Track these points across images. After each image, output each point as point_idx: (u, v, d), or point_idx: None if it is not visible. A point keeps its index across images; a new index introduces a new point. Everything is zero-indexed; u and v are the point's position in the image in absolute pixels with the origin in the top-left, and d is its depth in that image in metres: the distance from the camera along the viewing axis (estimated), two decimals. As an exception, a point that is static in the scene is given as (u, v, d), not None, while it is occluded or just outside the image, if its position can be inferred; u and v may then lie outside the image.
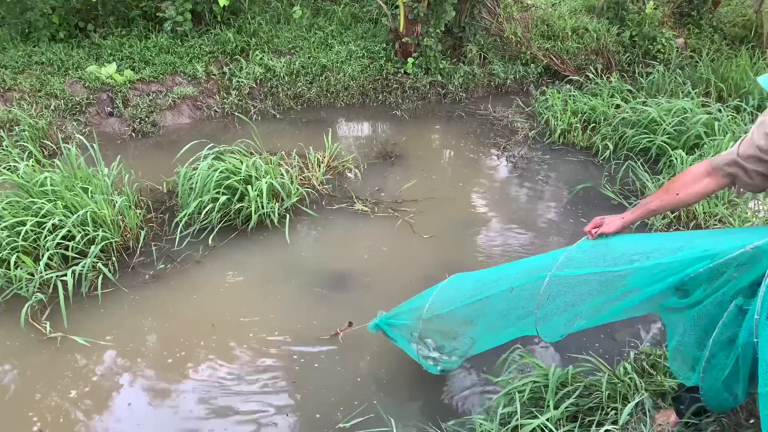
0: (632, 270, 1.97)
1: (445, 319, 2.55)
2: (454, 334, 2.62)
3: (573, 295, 2.17)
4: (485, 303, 2.42)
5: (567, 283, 2.15)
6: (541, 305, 2.20)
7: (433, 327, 2.61)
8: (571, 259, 2.14)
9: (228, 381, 2.90)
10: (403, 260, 3.86)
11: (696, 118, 5.12)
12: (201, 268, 3.69)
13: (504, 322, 2.42)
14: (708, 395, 1.94)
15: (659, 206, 2.02)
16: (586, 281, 2.12)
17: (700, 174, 1.91)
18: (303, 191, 4.32)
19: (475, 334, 2.56)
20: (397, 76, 6.66)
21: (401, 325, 2.72)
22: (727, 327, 1.77)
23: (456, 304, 2.50)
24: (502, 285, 2.36)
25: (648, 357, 2.76)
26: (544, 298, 2.17)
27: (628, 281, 2.00)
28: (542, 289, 2.17)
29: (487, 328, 2.51)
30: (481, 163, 5.42)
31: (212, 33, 6.71)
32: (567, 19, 7.93)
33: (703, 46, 8.16)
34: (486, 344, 2.62)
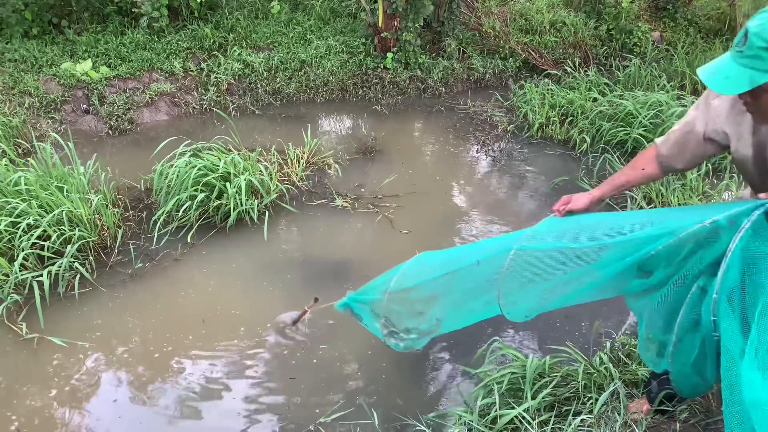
0: (596, 247, 1.92)
1: (412, 292, 2.49)
2: (419, 309, 2.53)
3: (537, 270, 2.10)
4: (451, 277, 2.35)
5: (532, 257, 2.09)
6: (504, 280, 2.11)
7: (398, 304, 2.53)
8: (538, 233, 2.10)
9: (206, 378, 2.89)
10: (383, 255, 3.87)
11: (671, 111, 5.20)
12: (180, 266, 3.67)
13: (470, 298, 2.35)
14: (678, 380, 1.94)
15: (626, 181, 2.04)
16: (550, 257, 2.06)
17: (651, 157, 1.99)
18: (282, 188, 4.31)
19: (441, 312, 2.48)
20: (376, 71, 6.66)
21: (369, 301, 2.65)
22: (691, 309, 1.75)
23: (423, 278, 2.45)
24: (469, 259, 2.29)
25: (624, 347, 2.81)
26: (508, 272, 2.10)
27: (592, 258, 1.95)
28: (506, 263, 2.09)
29: (453, 305, 2.43)
30: (461, 157, 5.45)
31: (189, 29, 6.65)
32: (545, 13, 7.99)
33: (679, 39, 8.28)
34: (452, 324, 2.53)
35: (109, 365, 2.95)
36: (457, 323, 2.52)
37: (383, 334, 2.55)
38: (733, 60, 1.52)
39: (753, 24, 1.46)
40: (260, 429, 2.64)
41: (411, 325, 2.55)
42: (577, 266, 1.97)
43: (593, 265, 1.92)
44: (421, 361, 3.03)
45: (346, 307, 2.71)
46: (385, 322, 2.55)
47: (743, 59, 1.48)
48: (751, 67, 1.47)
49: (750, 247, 1.54)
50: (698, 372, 1.87)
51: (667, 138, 1.93)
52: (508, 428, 2.35)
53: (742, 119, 1.72)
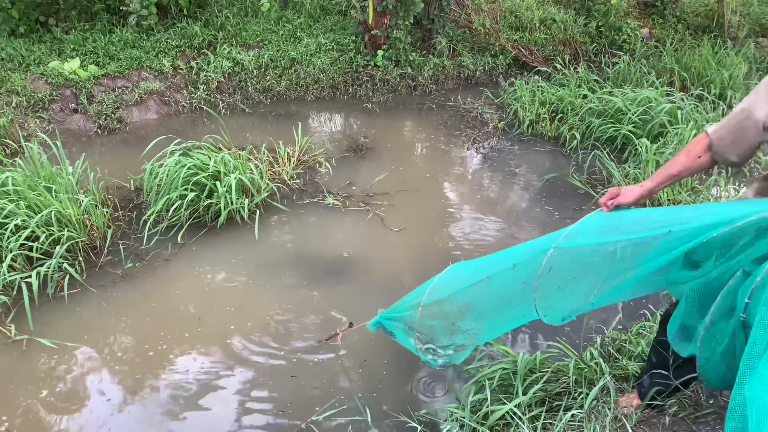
0: (646, 238, 1.79)
1: (445, 303, 2.37)
2: (453, 320, 2.42)
3: (577, 268, 1.98)
4: (486, 283, 2.21)
5: (573, 255, 1.95)
6: (542, 281, 1.98)
7: (431, 317, 2.44)
8: (581, 230, 1.95)
9: (197, 376, 2.88)
10: (375, 254, 3.87)
11: (660, 108, 5.23)
12: (170, 265, 3.65)
13: (505, 303, 2.23)
14: (705, 368, 1.82)
15: (680, 170, 1.90)
16: (593, 252, 1.92)
17: (703, 148, 1.86)
18: (273, 186, 4.30)
19: (477, 321, 2.37)
20: (367, 68, 6.65)
21: (401, 318, 2.56)
22: (731, 294, 1.64)
23: (456, 287, 2.33)
24: (504, 264, 2.15)
25: (614, 342, 2.83)
26: (546, 270, 1.95)
27: (639, 252, 1.82)
28: (544, 262, 1.95)
29: (488, 313, 2.32)
30: (451, 154, 5.46)
31: (179, 27, 6.60)
32: (535, 10, 8.01)
33: (667, 35, 8.33)
34: (488, 333, 2.44)
35: (100, 365, 2.94)
36: (493, 332, 2.45)
37: (419, 349, 2.50)
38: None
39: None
40: (252, 427, 2.64)
41: (446, 340, 2.48)
42: (621, 262, 1.86)
43: (641, 258, 1.81)
44: (413, 359, 3.03)
45: (379, 326, 2.65)
46: (419, 336, 2.49)
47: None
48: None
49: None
50: (727, 362, 1.75)
51: (721, 126, 1.80)
52: (499, 424, 2.36)
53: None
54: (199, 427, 2.65)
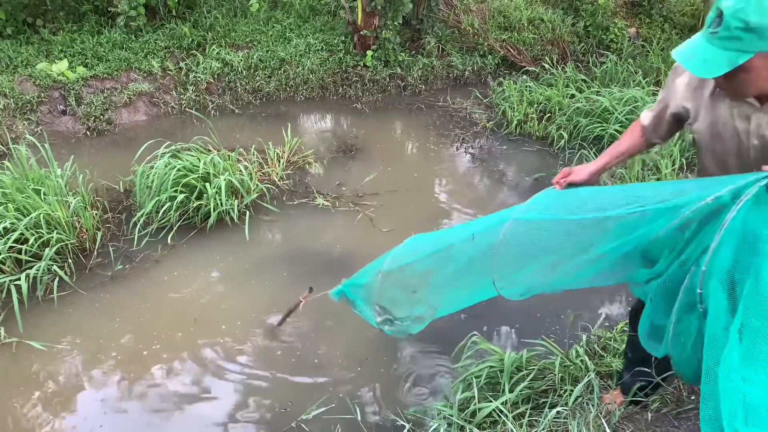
0: (596, 219, 1.81)
1: (406, 269, 2.39)
2: (413, 288, 2.42)
3: (534, 244, 1.99)
4: (447, 253, 2.23)
5: (528, 230, 1.97)
6: (500, 253, 1.99)
7: (391, 284, 2.43)
8: (535, 205, 1.98)
9: (189, 377, 2.90)
10: (364, 254, 3.89)
11: (646, 107, 5.28)
12: (160, 267, 3.66)
13: (464, 274, 2.22)
14: (680, 365, 1.86)
15: (626, 149, 2.03)
16: (548, 230, 1.95)
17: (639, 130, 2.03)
18: (263, 187, 4.32)
19: (435, 292, 2.37)
20: (356, 69, 6.67)
21: (363, 285, 2.56)
22: (689, 289, 1.65)
23: (417, 255, 2.35)
24: (464, 234, 2.19)
25: (599, 339, 2.87)
26: (503, 245, 1.97)
27: (592, 234, 1.83)
28: (501, 234, 1.97)
29: (447, 282, 2.31)
30: (441, 155, 5.49)
31: (167, 27, 6.59)
32: (523, 10, 8.05)
33: (654, 35, 8.41)
34: (447, 305, 2.42)
35: (90, 367, 2.95)
36: (451, 305, 2.43)
37: (377, 321, 2.48)
38: (708, 42, 1.51)
39: (727, 5, 1.45)
40: (242, 427, 2.66)
41: (404, 312, 2.47)
42: (576, 242, 1.87)
43: (593, 240, 1.82)
44: (402, 357, 3.07)
45: (341, 295, 2.64)
46: (379, 309, 2.47)
47: (720, 41, 1.48)
48: (729, 49, 1.47)
49: (748, 221, 1.46)
50: (698, 356, 1.71)
51: (649, 113, 1.97)
52: (486, 421, 2.40)
53: (700, 94, 1.75)
54: (191, 426, 2.67)
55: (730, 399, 1.38)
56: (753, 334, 1.40)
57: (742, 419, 1.39)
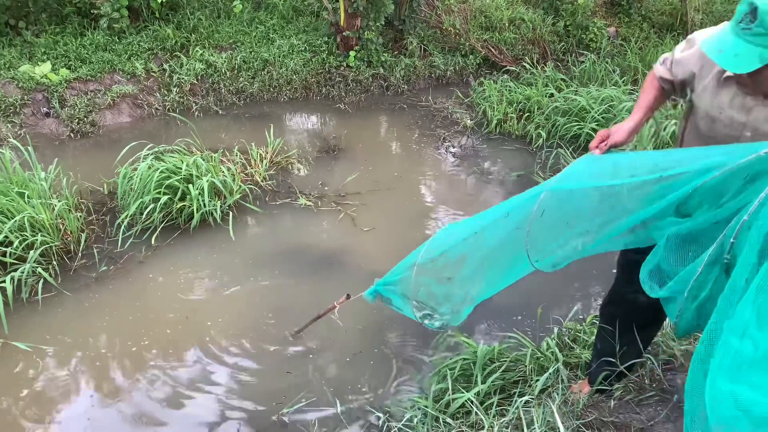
0: (636, 183, 1.74)
1: (440, 259, 2.33)
2: (449, 275, 2.36)
3: (569, 212, 1.93)
4: (480, 236, 2.17)
5: (564, 198, 1.92)
6: (533, 225, 1.93)
7: (426, 275, 2.39)
8: (571, 175, 1.93)
9: (174, 375, 2.97)
10: (346, 254, 3.99)
11: (622, 106, 5.43)
12: (144, 268, 3.72)
13: (499, 251, 2.16)
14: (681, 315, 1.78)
15: (648, 102, 1.99)
16: (585, 196, 1.88)
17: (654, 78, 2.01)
18: (245, 188, 4.38)
19: (473, 275, 2.30)
20: (339, 69, 6.75)
21: (398, 281, 2.52)
22: (722, 244, 1.57)
23: (450, 243, 2.30)
24: (496, 214, 2.12)
25: (570, 332, 2.98)
26: (538, 214, 1.91)
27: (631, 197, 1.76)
28: (536, 206, 1.91)
29: (484, 263, 2.24)
30: (423, 154, 5.59)
31: (151, 29, 6.62)
32: (504, 10, 8.17)
33: (633, 34, 8.56)
34: (485, 288, 2.33)
35: (76, 366, 3.01)
36: (488, 288, 2.34)
37: (417, 316, 2.47)
38: (739, 37, 1.51)
39: (763, 1, 1.45)
40: (226, 423, 2.74)
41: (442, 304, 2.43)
42: (614, 206, 1.80)
43: (633, 206, 1.76)
44: (381, 352, 3.15)
45: (376, 294, 2.60)
46: (417, 304, 2.46)
47: (753, 37, 1.48)
48: (761, 45, 1.47)
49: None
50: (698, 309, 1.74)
51: (661, 67, 1.95)
52: (460, 411, 2.50)
53: (708, 71, 1.76)
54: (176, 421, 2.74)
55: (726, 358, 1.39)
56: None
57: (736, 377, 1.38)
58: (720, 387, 1.39)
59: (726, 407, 1.38)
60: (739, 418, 1.37)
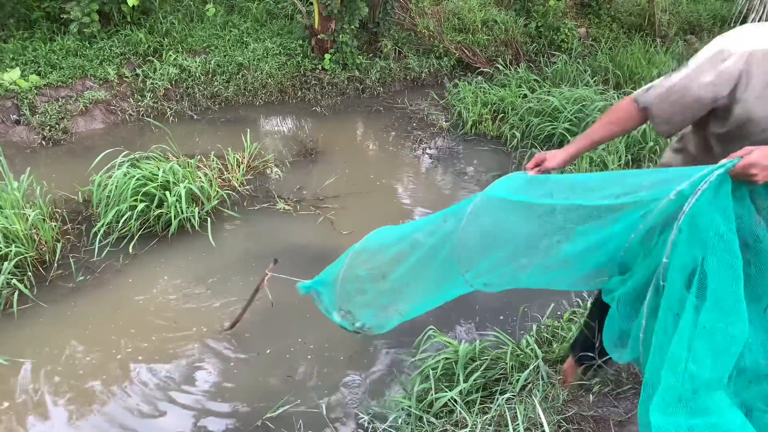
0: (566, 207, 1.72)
1: (377, 255, 2.30)
2: (383, 272, 2.28)
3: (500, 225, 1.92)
4: (419, 236, 2.13)
5: (497, 209, 1.92)
6: (465, 232, 1.91)
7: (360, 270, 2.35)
8: (504, 186, 1.94)
9: (155, 384, 2.95)
10: (326, 256, 3.99)
11: (594, 105, 5.55)
12: (122, 276, 3.69)
13: (435, 259, 2.09)
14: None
15: (602, 137, 1.94)
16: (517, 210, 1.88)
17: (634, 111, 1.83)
18: (223, 193, 4.37)
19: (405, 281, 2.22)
20: (315, 72, 6.75)
21: (331, 281, 2.50)
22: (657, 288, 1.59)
23: (389, 239, 2.28)
24: (436, 217, 2.09)
25: (548, 329, 3.05)
26: (470, 223, 1.90)
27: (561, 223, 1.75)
28: (467, 212, 1.90)
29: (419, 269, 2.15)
30: (399, 155, 5.63)
31: (122, 34, 6.55)
32: (477, 12, 8.26)
33: (603, 35, 8.74)
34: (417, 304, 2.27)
35: (54, 377, 2.97)
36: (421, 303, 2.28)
37: (340, 318, 2.44)
38: None
39: None
40: (211, 428, 2.74)
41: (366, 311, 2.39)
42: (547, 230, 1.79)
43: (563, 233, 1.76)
44: (365, 353, 3.18)
45: (309, 290, 2.60)
46: (343, 312, 2.43)
47: None
48: None
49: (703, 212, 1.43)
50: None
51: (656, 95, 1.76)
52: (443, 411, 2.53)
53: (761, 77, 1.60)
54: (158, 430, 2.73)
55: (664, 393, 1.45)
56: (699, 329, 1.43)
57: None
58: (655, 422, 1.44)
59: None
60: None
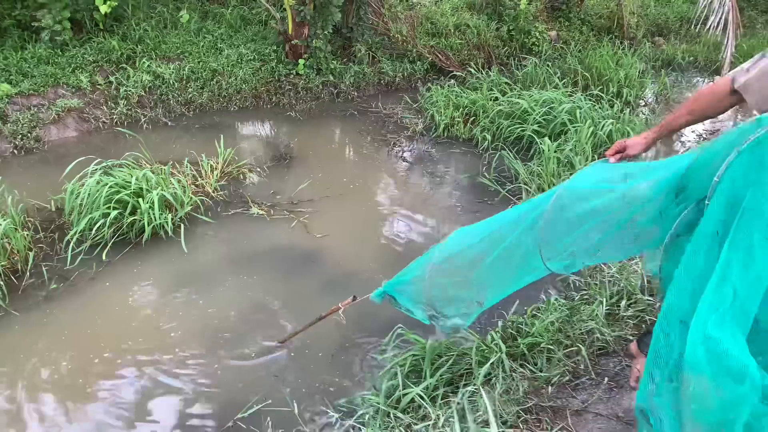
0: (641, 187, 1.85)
1: (456, 258, 2.36)
2: (464, 274, 2.38)
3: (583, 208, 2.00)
4: (496, 235, 2.23)
5: (577, 195, 2.01)
6: (547, 220, 2.02)
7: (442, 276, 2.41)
8: (585, 176, 2.07)
9: (128, 389, 2.99)
10: (301, 259, 4.06)
11: (561, 107, 5.69)
12: (95, 284, 3.71)
13: (514, 252, 2.20)
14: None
15: (683, 124, 2.02)
16: (599, 195, 1.97)
17: (725, 93, 1.89)
18: (197, 199, 4.40)
19: (486, 276, 2.33)
20: (289, 77, 6.81)
21: (409, 281, 2.54)
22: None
23: (466, 243, 2.35)
24: (511, 216, 2.21)
25: (513, 324, 3.14)
26: (552, 212, 2.01)
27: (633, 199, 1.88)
28: (550, 204, 2.01)
29: (497, 264, 2.26)
30: (374, 159, 5.71)
31: (95, 41, 6.54)
32: (449, 16, 8.41)
33: (573, 38, 8.94)
34: (497, 290, 2.39)
35: (30, 386, 2.99)
36: (502, 287, 2.38)
37: (427, 316, 2.51)
38: None
39: None
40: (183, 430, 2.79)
41: (452, 306, 2.47)
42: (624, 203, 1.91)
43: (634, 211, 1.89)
44: (337, 353, 3.24)
45: (384, 296, 2.61)
46: (427, 307, 2.48)
47: None
48: None
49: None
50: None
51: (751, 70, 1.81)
52: (411, 406, 2.62)
53: None
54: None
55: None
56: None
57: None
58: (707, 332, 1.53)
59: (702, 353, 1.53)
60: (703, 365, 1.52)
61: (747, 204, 1.56)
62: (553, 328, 2.93)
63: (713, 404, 1.59)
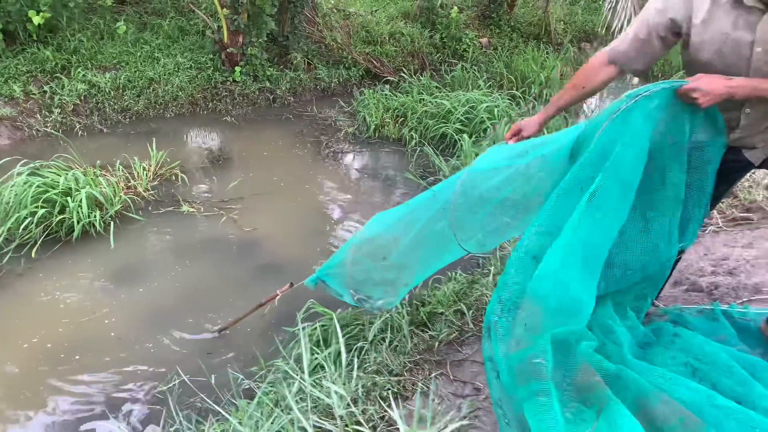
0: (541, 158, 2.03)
1: (376, 240, 2.54)
2: (384, 254, 2.56)
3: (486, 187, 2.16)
4: (410, 217, 2.39)
5: (482, 176, 2.18)
6: (456, 203, 2.16)
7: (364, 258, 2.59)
8: (487, 158, 2.24)
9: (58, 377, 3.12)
10: (229, 252, 4.26)
11: (481, 106, 6.07)
12: (23, 281, 3.81)
13: (430, 232, 2.37)
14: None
15: (568, 101, 2.19)
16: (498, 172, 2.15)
17: (600, 64, 2.08)
18: (127, 198, 4.55)
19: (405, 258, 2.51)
20: (225, 84, 7.01)
21: (336, 265, 2.73)
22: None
23: (385, 225, 2.53)
24: (425, 196, 2.37)
25: (419, 296, 3.42)
26: (460, 195, 2.16)
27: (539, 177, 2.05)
28: (458, 186, 2.15)
29: (415, 244, 2.45)
30: (305, 159, 5.96)
31: (29, 52, 6.58)
32: (384, 25, 8.77)
33: (503, 44, 9.42)
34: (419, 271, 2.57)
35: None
36: (423, 268, 2.57)
37: (355, 300, 2.73)
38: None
39: None
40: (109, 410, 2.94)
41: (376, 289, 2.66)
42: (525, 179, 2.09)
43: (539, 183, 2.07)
44: (254, 329, 3.45)
45: (317, 281, 2.83)
46: (353, 292, 2.68)
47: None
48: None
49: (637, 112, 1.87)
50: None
51: (621, 43, 2.02)
52: (317, 369, 2.84)
53: (699, 6, 1.82)
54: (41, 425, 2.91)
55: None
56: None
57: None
58: (555, 269, 1.83)
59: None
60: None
61: (613, 157, 1.88)
62: (452, 298, 3.21)
63: (542, 329, 1.90)
